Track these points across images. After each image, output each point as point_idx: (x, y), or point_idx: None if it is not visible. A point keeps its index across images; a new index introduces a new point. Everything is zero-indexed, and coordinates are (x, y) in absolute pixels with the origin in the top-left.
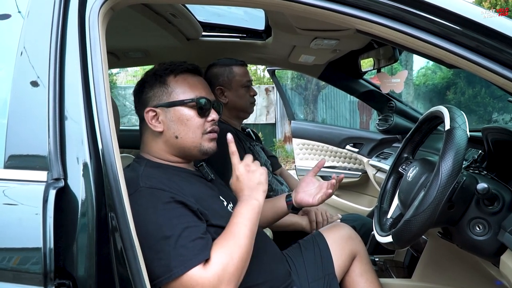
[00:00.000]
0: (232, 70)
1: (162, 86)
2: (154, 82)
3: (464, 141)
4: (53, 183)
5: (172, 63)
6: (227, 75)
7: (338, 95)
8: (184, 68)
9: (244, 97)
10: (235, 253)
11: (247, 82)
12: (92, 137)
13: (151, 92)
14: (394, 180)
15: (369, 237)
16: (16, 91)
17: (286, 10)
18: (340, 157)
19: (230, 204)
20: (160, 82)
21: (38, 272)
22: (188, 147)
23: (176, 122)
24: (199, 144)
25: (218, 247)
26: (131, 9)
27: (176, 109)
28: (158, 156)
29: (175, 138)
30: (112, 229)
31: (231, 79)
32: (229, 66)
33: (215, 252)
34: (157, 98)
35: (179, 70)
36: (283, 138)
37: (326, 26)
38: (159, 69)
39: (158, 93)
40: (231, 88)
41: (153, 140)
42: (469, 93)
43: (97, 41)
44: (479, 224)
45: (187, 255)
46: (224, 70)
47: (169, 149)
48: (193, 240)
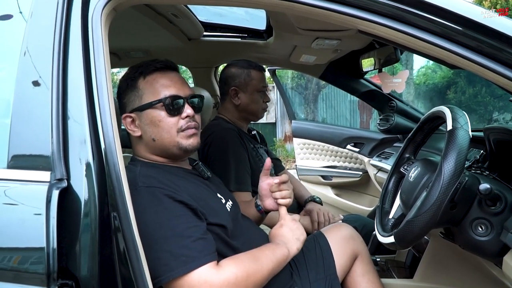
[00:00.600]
0: (250, 74)
1: (134, 90)
2: (126, 87)
3: (466, 141)
4: (56, 183)
5: (143, 64)
6: (244, 77)
7: (339, 95)
8: (153, 68)
9: (258, 102)
10: (252, 274)
11: (263, 87)
12: (95, 137)
13: (126, 98)
14: (396, 180)
15: (370, 238)
16: (19, 91)
17: (288, 10)
18: (341, 156)
19: (229, 201)
20: (131, 86)
21: (41, 272)
22: (167, 147)
23: (150, 125)
24: (177, 142)
25: (238, 261)
26: (133, 9)
27: (147, 112)
28: (147, 158)
29: (153, 140)
30: (114, 229)
31: (248, 82)
32: (248, 68)
33: (233, 263)
34: (131, 103)
35: (148, 71)
36: (283, 137)
37: (327, 27)
38: (130, 73)
39: (131, 98)
40: (246, 91)
41: (137, 144)
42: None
43: (100, 42)
44: (481, 225)
45: (190, 255)
46: (242, 72)
47: (152, 151)
48: (194, 241)
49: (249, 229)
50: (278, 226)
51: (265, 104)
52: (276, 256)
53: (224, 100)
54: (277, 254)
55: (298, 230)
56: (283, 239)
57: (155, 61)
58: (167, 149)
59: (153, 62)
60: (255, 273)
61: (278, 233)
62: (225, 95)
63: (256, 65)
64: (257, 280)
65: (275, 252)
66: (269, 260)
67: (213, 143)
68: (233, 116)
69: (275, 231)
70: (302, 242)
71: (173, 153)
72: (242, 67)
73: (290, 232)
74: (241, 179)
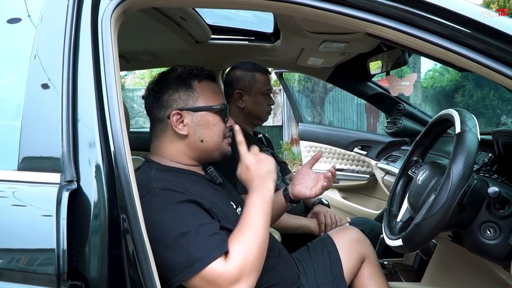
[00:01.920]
0: (255, 76)
1: (188, 90)
2: (179, 85)
3: (475, 144)
4: (66, 185)
5: (194, 68)
6: (249, 80)
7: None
8: (206, 74)
9: (262, 105)
10: (253, 244)
11: (267, 90)
12: (104, 139)
13: (176, 95)
14: (404, 183)
15: (377, 241)
16: (30, 94)
17: (296, 13)
18: (348, 159)
19: (239, 208)
20: (185, 85)
21: (51, 273)
22: (212, 150)
23: (203, 127)
24: (221, 147)
25: (236, 240)
26: (141, 12)
27: (203, 114)
28: (173, 159)
29: (201, 141)
30: (123, 231)
31: (252, 85)
32: (252, 71)
33: (233, 245)
34: (183, 101)
35: (203, 75)
36: (290, 140)
37: (335, 29)
38: (183, 72)
39: (184, 96)
40: (250, 94)
41: (172, 143)
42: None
43: (109, 45)
44: (490, 228)
45: (208, 249)
46: (246, 75)
47: (190, 152)
48: (211, 235)
49: None
50: (244, 170)
51: (270, 107)
52: (262, 207)
53: (229, 103)
54: (261, 205)
55: (264, 162)
56: (256, 181)
57: (203, 69)
58: (210, 151)
59: (203, 69)
60: (255, 240)
61: (248, 177)
62: (229, 98)
63: (260, 68)
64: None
65: (258, 206)
66: (258, 218)
67: None
68: (238, 119)
69: (244, 177)
70: (274, 170)
71: (212, 156)
72: (247, 69)
73: (258, 170)
74: None
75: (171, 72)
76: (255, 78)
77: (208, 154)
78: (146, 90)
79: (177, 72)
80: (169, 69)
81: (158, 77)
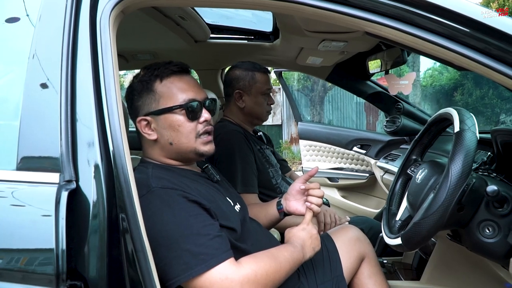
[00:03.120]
0: (255, 76)
1: (150, 93)
2: (141, 89)
3: (474, 143)
4: (65, 185)
5: (157, 66)
6: (248, 80)
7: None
8: (170, 71)
9: (262, 105)
10: (271, 273)
11: (267, 90)
12: (103, 139)
13: (140, 101)
14: (403, 182)
15: (377, 240)
16: (29, 94)
17: (295, 12)
18: (347, 158)
19: (237, 204)
20: (147, 89)
21: (50, 273)
22: (184, 152)
23: (168, 129)
24: (194, 148)
25: (258, 259)
26: (140, 11)
27: (166, 116)
28: (159, 160)
29: (170, 144)
30: (123, 230)
31: (252, 85)
32: (252, 71)
33: (252, 261)
34: (147, 106)
35: (165, 74)
36: (289, 139)
37: (334, 28)
38: (145, 75)
39: (147, 101)
40: (250, 94)
41: (150, 147)
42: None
43: (108, 44)
44: (488, 227)
45: (209, 253)
46: (246, 75)
47: (166, 154)
48: (212, 239)
49: (257, 232)
50: (300, 228)
51: (269, 107)
52: (293, 257)
53: (229, 103)
54: (294, 256)
55: (316, 240)
56: (302, 242)
57: (171, 63)
58: (184, 153)
59: (168, 65)
60: (274, 272)
61: (299, 236)
62: (229, 98)
63: (260, 68)
64: (275, 279)
65: (292, 254)
66: (286, 260)
67: (219, 145)
68: (238, 118)
69: (296, 232)
70: (315, 252)
71: (189, 157)
72: (247, 69)
73: (309, 239)
74: (248, 181)
75: (135, 77)
76: (255, 78)
77: (185, 155)
78: None
79: (139, 76)
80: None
81: (129, 84)
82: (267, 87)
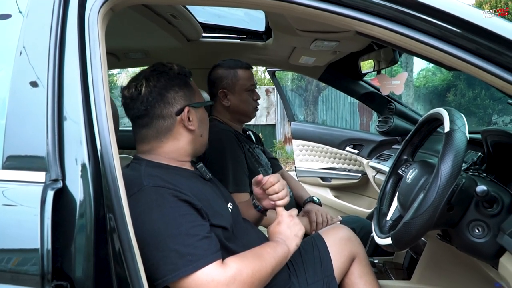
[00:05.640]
0: (237, 73)
1: (188, 87)
2: (181, 82)
3: (464, 143)
4: (51, 184)
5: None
6: (231, 78)
7: (338, 97)
8: (190, 73)
9: (247, 102)
10: (256, 271)
11: (251, 86)
12: (91, 138)
13: (181, 92)
14: (394, 182)
15: (368, 239)
16: (15, 91)
17: (286, 11)
18: (340, 158)
19: (229, 203)
20: (185, 83)
21: (35, 273)
22: (204, 144)
23: (203, 122)
24: (206, 142)
25: (243, 259)
26: (131, 9)
27: (203, 110)
28: (170, 156)
29: (201, 136)
30: (110, 230)
31: (235, 82)
32: (234, 69)
33: (238, 260)
34: (188, 98)
35: (190, 74)
36: (283, 139)
37: (326, 28)
38: (182, 70)
39: (187, 93)
40: (234, 92)
41: (176, 139)
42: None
43: (96, 42)
44: (478, 227)
45: (197, 254)
46: (228, 73)
47: (189, 148)
48: (200, 240)
49: (249, 232)
50: (275, 224)
51: (256, 103)
52: (278, 253)
53: (215, 102)
54: (278, 252)
55: (295, 226)
56: (282, 236)
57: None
58: (203, 146)
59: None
60: (260, 270)
61: (276, 231)
62: (214, 98)
63: (242, 64)
64: (261, 277)
65: (276, 250)
66: (271, 257)
67: (210, 144)
68: (225, 117)
69: (273, 229)
70: (300, 237)
71: (202, 151)
72: (229, 67)
73: (288, 229)
74: (239, 180)
75: (169, 70)
76: (237, 75)
77: (202, 149)
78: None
79: (175, 69)
80: (163, 66)
81: (156, 74)
82: (251, 83)
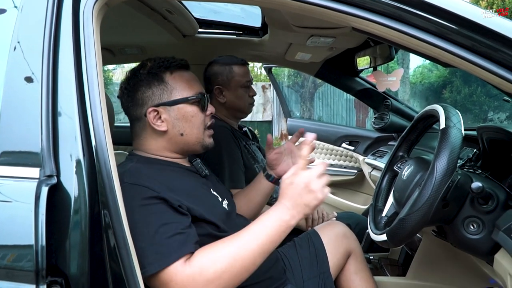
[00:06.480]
0: (232, 70)
1: (161, 84)
2: (151, 80)
3: (459, 140)
4: (46, 180)
5: (164, 60)
6: (226, 74)
7: (335, 93)
8: (178, 65)
9: (243, 98)
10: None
11: (246, 82)
12: (85, 133)
13: (149, 91)
14: (389, 178)
15: (364, 235)
16: (9, 87)
17: (282, 7)
18: (336, 155)
19: (225, 200)
20: (158, 80)
21: (30, 269)
22: (192, 143)
23: (181, 120)
24: (202, 139)
25: (209, 249)
26: (126, 5)
27: (180, 107)
28: (156, 153)
29: (180, 135)
30: (105, 226)
31: (231, 79)
32: (229, 65)
33: (203, 252)
34: (157, 96)
35: (174, 66)
36: (280, 135)
37: (322, 24)
38: (153, 66)
39: (158, 91)
40: (230, 88)
41: (153, 139)
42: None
43: (91, 37)
44: (473, 223)
45: (164, 252)
46: (224, 69)
47: (171, 147)
48: (170, 237)
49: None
50: (288, 182)
51: (251, 99)
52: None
53: (211, 99)
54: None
55: (313, 194)
56: (287, 201)
57: (174, 58)
58: (191, 145)
59: (174, 59)
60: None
61: (284, 192)
62: (210, 94)
63: (238, 60)
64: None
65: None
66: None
67: None
68: (221, 114)
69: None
70: (312, 208)
71: (193, 149)
72: (224, 64)
73: (299, 196)
74: (236, 177)
75: (141, 68)
76: (233, 72)
77: (190, 147)
78: (119, 89)
79: (147, 67)
80: (139, 64)
81: (130, 75)
82: (246, 79)
